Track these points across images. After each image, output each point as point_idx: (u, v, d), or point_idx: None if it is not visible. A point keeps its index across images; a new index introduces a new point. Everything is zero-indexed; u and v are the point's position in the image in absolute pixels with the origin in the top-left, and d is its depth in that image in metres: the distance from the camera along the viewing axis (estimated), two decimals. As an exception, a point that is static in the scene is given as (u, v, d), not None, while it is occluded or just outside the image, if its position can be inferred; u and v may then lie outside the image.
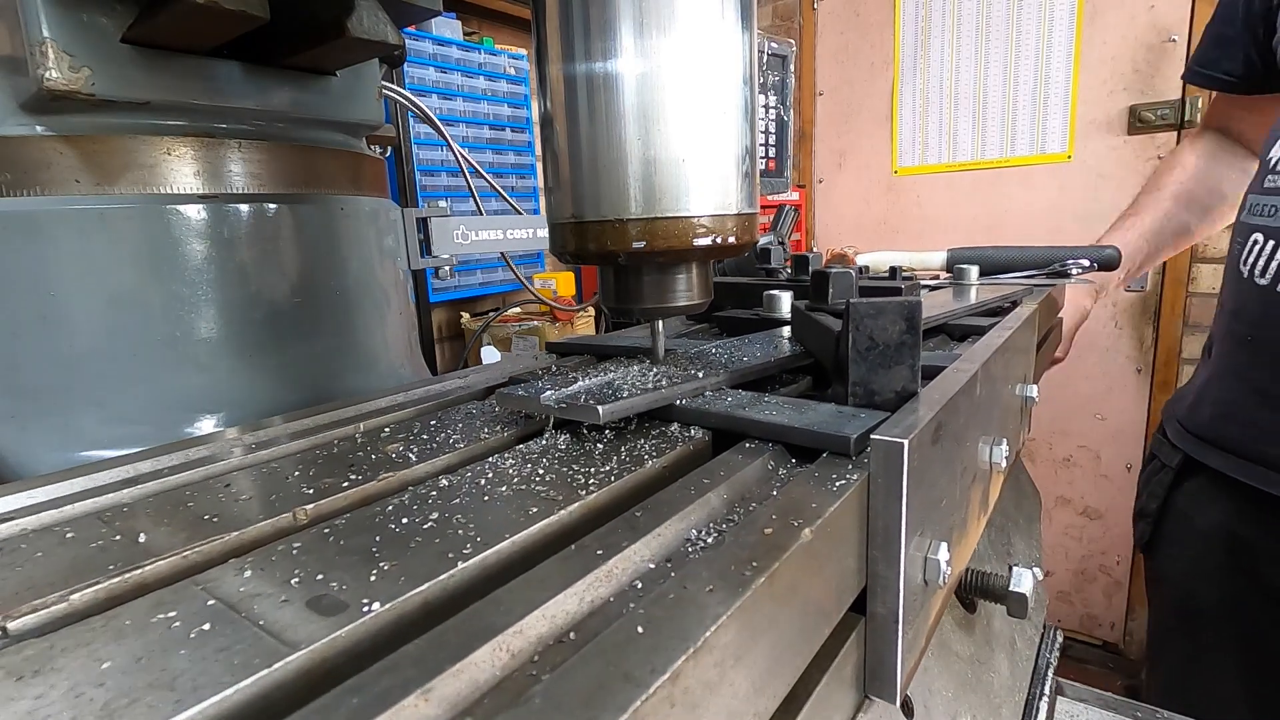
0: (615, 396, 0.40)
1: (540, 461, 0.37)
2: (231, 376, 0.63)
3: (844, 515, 0.31)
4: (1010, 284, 0.93)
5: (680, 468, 0.38)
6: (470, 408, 0.50)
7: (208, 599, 0.24)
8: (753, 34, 0.42)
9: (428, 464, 0.38)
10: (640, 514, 0.29)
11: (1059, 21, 2.46)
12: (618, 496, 0.34)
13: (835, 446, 0.35)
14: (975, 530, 0.49)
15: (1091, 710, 0.81)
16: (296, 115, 0.69)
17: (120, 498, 0.36)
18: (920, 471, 0.33)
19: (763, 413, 0.39)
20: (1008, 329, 0.59)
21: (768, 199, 2.68)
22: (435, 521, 0.30)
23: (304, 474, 0.38)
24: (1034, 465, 2.62)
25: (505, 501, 0.32)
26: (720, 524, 0.30)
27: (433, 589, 0.25)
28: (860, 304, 0.38)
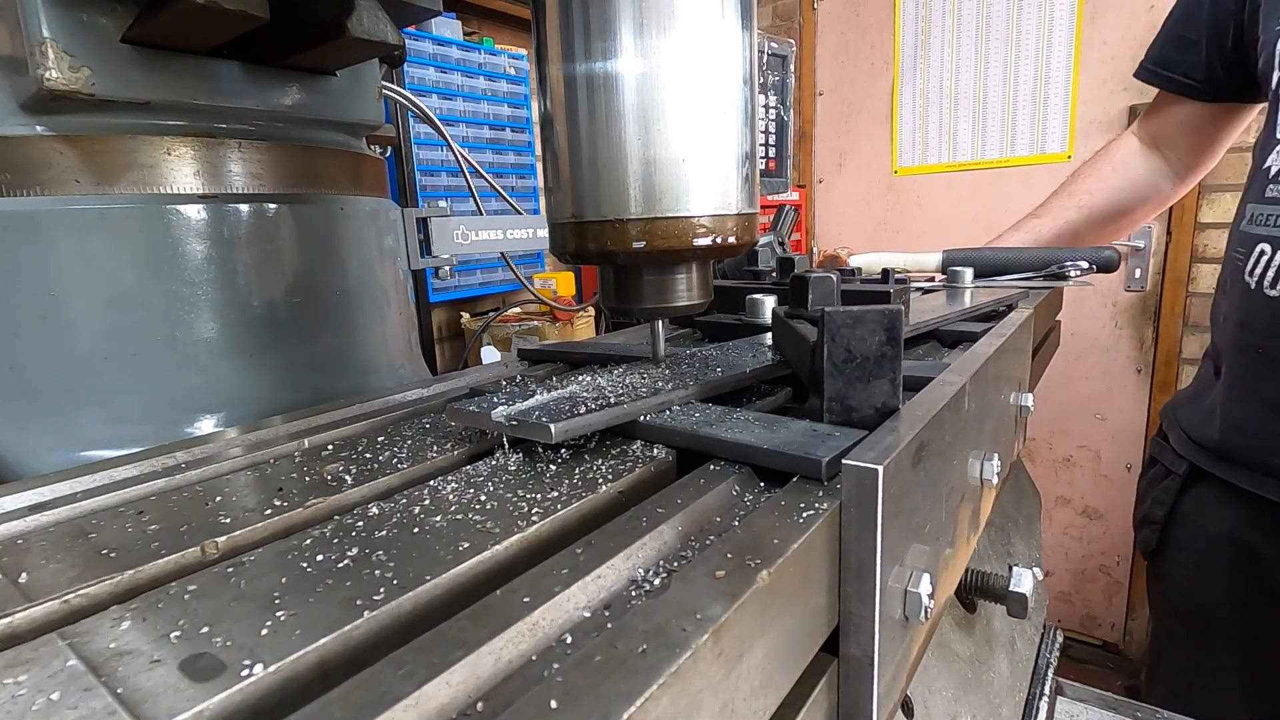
0: (571, 413, 0.37)
1: (485, 486, 0.34)
2: (231, 376, 0.63)
3: (811, 550, 0.28)
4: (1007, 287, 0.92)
5: (638, 492, 0.35)
6: (426, 421, 0.47)
7: (69, 658, 0.21)
8: (753, 34, 0.42)
9: (364, 487, 0.36)
10: (582, 551, 0.26)
11: (1059, 21, 2.46)
12: (563, 527, 0.31)
13: (806, 470, 0.33)
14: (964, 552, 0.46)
15: (1091, 710, 0.81)
16: (296, 115, 0.69)
17: (16, 528, 0.33)
18: (899, 498, 0.30)
19: (731, 430, 0.37)
20: (1001, 335, 0.57)
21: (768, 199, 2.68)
22: (353, 559, 0.27)
23: (228, 498, 0.35)
24: (1034, 465, 2.62)
25: (435, 535, 0.29)
26: (672, 561, 0.27)
27: (332, 644, 0.22)
28: (836, 313, 0.35)
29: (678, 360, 0.51)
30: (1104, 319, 2.48)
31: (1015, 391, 0.62)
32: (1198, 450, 1.02)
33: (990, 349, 0.51)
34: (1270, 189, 0.89)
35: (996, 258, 1.01)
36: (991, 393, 0.51)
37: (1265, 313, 0.88)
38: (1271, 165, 0.89)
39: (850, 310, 0.35)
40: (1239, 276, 0.92)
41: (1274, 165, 0.89)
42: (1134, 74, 1.16)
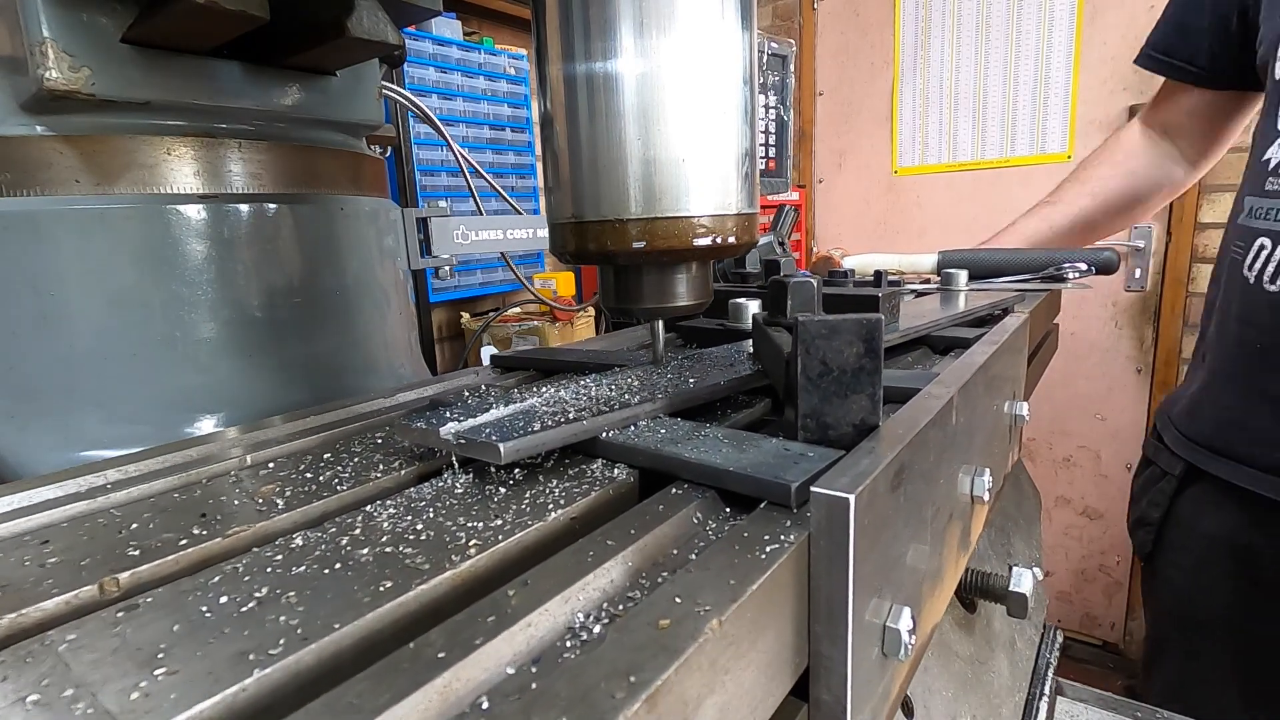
0: (525, 430, 0.34)
1: (425, 512, 0.31)
2: (231, 376, 0.63)
3: (774, 589, 0.25)
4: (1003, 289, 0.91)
5: (593, 518, 0.32)
6: (380, 436, 0.45)
7: None
8: (753, 34, 0.42)
9: (296, 513, 0.33)
10: (515, 593, 0.23)
11: (1059, 21, 2.46)
12: (503, 561, 0.28)
13: (774, 496, 0.30)
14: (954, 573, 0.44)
15: (1091, 710, 0.81)
16: (296, 115, 0.69)
17: None
18: (876, 526, 0.28)
19: (696, 450, 0.34)
20: (994, 342, 0.54)
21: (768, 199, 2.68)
22: (260, 601, 0.24)
23: (145, 525, 0.32)
24: (1034, 465, 2.63)
25: (358, 572, 0.26)
26: (618, 604, 0.24)
27: (211, 711, 0.19)
28: (810, 322, 0.33)
29: (650, 369, 0.48)
30: (1104, 319, 2.49)
31: (1009, 400, 0.59)
32: (1194, 448, 1.01)
33: (982, 357, 0.49)
34: (1270, 181, 0.88)
35: (993, 259, 0.99)
36: (983, 403, 0.48)
37: (1265, 308, 0.87)
38: (1271, 157, 0.88)
39: (826, 320, 0.33)
40: (1237, 271, 0.92)
41: (1274, 157, 0.88)
42: (1135, 60, 1.14)
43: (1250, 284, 0.89)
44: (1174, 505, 1.05)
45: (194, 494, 0.36)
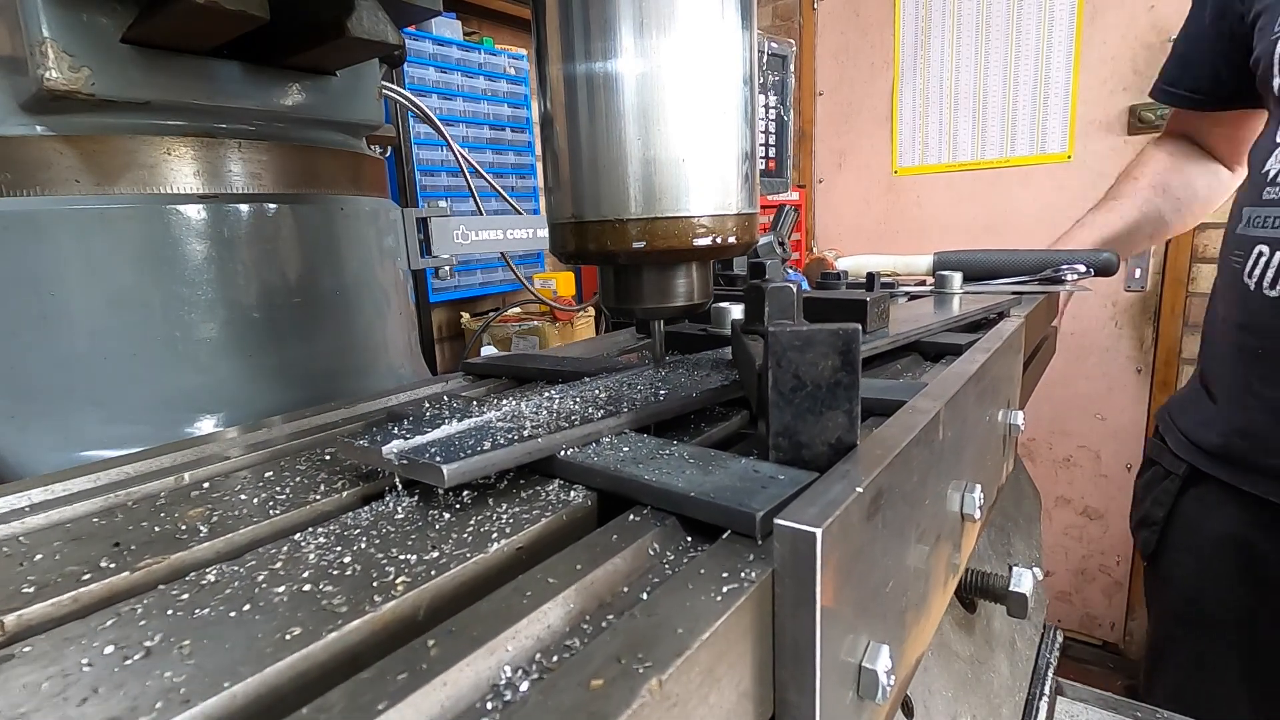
0: (475, 449, 0.32)
1: (358, 541, 0.28)
2: (231, 376, 0.63)
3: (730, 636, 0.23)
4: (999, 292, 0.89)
5: (542, 548, 0.29)
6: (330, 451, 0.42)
7: None
8: (753, 34, 0.42)
9: (220, 541, 0.30)
10: (435, 643, 0.21)
11: (1059, 21, 2.46)
12: (431, 601, 0.25)
13: (737, 525, 0.27)
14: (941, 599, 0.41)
15: (1091, 710, 0.81)
16: (296, 115, 0.69)
17: None
18: (849, 559, 0.26)
19: (659, 471, 0.31)
20: (988, 349, 0.52)
21: (768, 199, 2.68)
22: (148, 652, 0.22)
23: (50, 556, 0.29)
24: (1034, 465, 2.63)
25: (267, 615, 0.23)
26: (551, 655, 0.22)
27: None
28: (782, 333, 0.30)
29: (622, 379, 0.46)
30: (1104, 319, 2.49)
31: (1004, 410, 0.57)
32: (1197, 452, 1.02)
33: (974, 365, 0.46)
34: (1268, 191, 0.90)
35: (990, 260, 0.98)
36: (974, 415, 0.46)
37: (1265, 313, 0.88)
38: (1270, 169, 0.90)
39: (799, 330, 0.30)
40: (1237, 279, 0.93)
41: (1272, 169, 0.90)
42: (1149, 94, 1.18)
43: (1250, 290, 0.90)
44: (1178, 505, 1.06)
45: (114, 519, 0.33)
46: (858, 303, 0.58)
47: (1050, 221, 2.57)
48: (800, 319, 0.44)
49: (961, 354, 0.53)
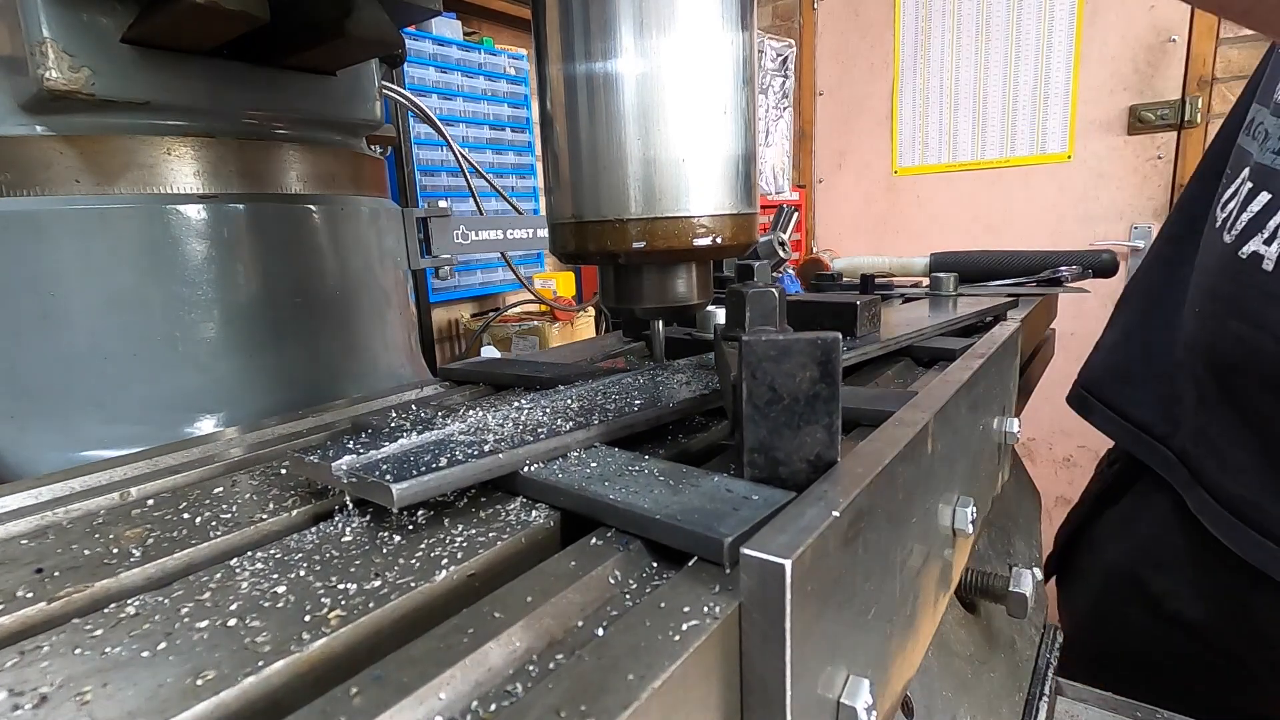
0: (431, 465, 0.30)
1: (298, 567, 0.26)
2: (231, 376, 0.63)
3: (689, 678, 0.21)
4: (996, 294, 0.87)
5: (497, 574, 0.27)
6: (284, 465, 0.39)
7: None
8: (753, 34, 0.42)
9: (151, 566, 0.28)
10: (359, 691, 0.19)
11: (1059, 21, 2.46)
12: (368, 637, 0.23)
13: (704, 551, 0.25)
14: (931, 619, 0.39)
15: (1091, 710, 0.81)
16: (296, 115, 0.69)
17: None
18: (824, 590, 0.24)
19: (625, 489, 0.29)
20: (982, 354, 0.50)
21: (768, 199, 2.68)
22: (44, 697, 0.20)
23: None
24: (1034, 465, 2.63)
25: (184, 654, 0.21)
26: (489, 704, 0.19)
27: None
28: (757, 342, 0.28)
29: (598, 387, 0.44)
30: (1103, 319, 2.48)
31: (998, 418, 0.55)
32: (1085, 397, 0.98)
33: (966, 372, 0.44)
34: None
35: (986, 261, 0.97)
36: (966, 425, 0.43)
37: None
38: None
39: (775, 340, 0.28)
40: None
41: None
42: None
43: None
44: (1085, 528, 1.04)
45: (45, 540, 0.31)
46: (847, 306, 0.56)
47: (1050, 222, 2.57)
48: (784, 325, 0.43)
49: (955, 359, 0.51)
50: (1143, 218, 2.39)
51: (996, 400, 0.54)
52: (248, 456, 0.42)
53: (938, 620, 0.41)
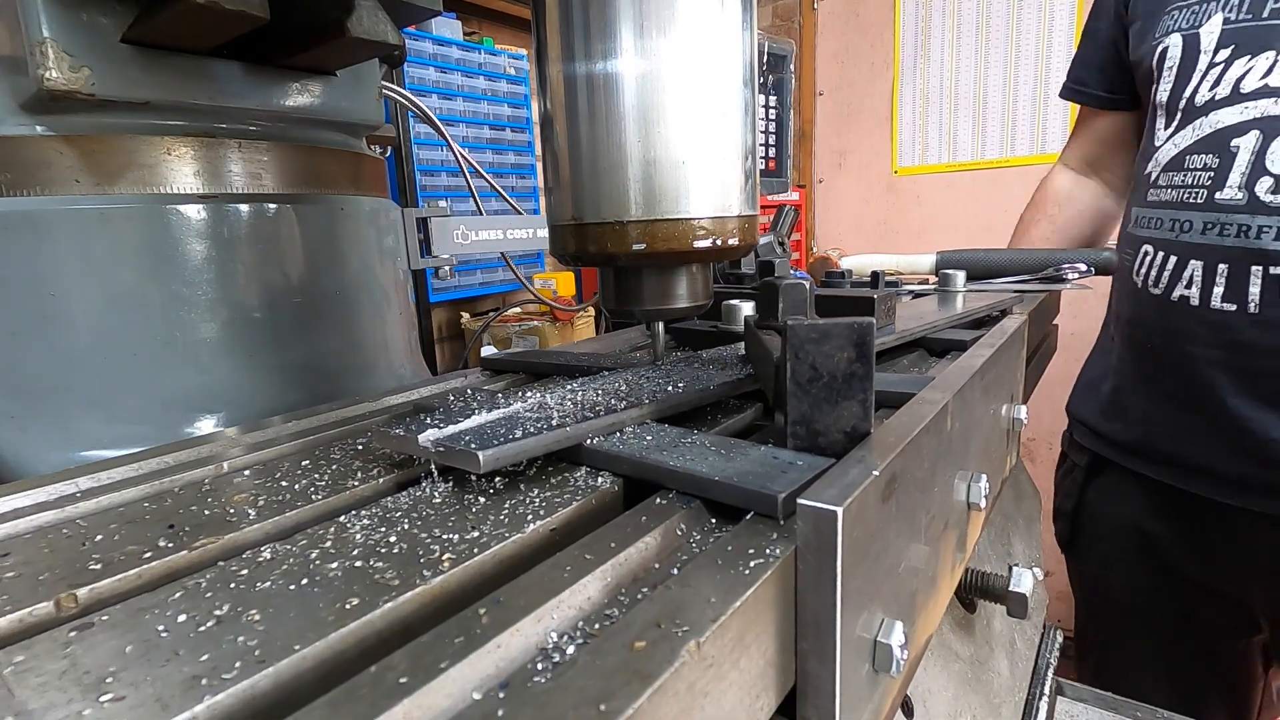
0: (506, 437, 0.33)
1: (400, 523, 0.30)
2: (231, 376, 0.63)
3: (758, 607, 0.24)
4: (1001, 290, 0.91)
5: (574, 529, 0.31)
6: (360, 442, 0.43)
7: None
8: (753, 34, 0.42)
9: (268, 524, 0.32)
10: (486, 611, 0.22)
11: (1059, 21, 2.46)
12: (476, 576, 0.27)
13: (760, 507, 0.29)
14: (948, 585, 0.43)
15: (1091, 710, 0.81)
16: (296, 115, 0.69)
17: None
18: (866, 539, 0.27)
19: (682, 458, 0.33)
20: (992, 344, 0.54)
21: (768, 199, 2.68)
22: (219, 620, 0.23)
23: (110, 536, 0.31)
24: (1034, 465, 2.62)
25: (325, 587, 0.25)
26: (594, 623, 0.23)
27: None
28: (800, 327, 0.32)
29: (639, 373, 0.47)
30: (1103, 319, 2.48)
31: (1007, 404, 0.58)
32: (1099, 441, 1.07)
33: (979, 360, 0.48)
34: (1150, 193, 0.93)
35: (991, 259, 1.00)
36: (980, 408, 0.47)
37: (1150, 311, 0.92)
38: (1151, 171, 0.93)
39: (816, 324, 0.32)
40: (1128, 276, 0.97)
41: (1152, 170, 0.93)
42: (1059, 94, 1.23)
43: (1138, 288, 0.94)
44: (1083, 495, 1.11)
45: (164, 503, 0.35)
46: (865, 300, 0.60)
47: (1050, 221, 2.56)
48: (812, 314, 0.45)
49: (966, 350, 0.54)
50: (1143, 218, 2.40)
51: (1005, 387, 0.58)
52: (323, 436, 0.46)
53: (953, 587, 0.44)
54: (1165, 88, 0.91)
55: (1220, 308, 0.83)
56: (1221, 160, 0.82)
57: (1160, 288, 0.90)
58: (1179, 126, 0.89)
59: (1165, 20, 0.93)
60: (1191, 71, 0.88)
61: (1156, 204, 0.91)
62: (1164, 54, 0.91)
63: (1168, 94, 0.91)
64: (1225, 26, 0.85)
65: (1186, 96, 0.88)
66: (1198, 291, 0.85)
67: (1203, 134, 0.85)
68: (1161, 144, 0.92)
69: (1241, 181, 0.80)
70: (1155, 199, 0.92)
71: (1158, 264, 0.90)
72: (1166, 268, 0.88)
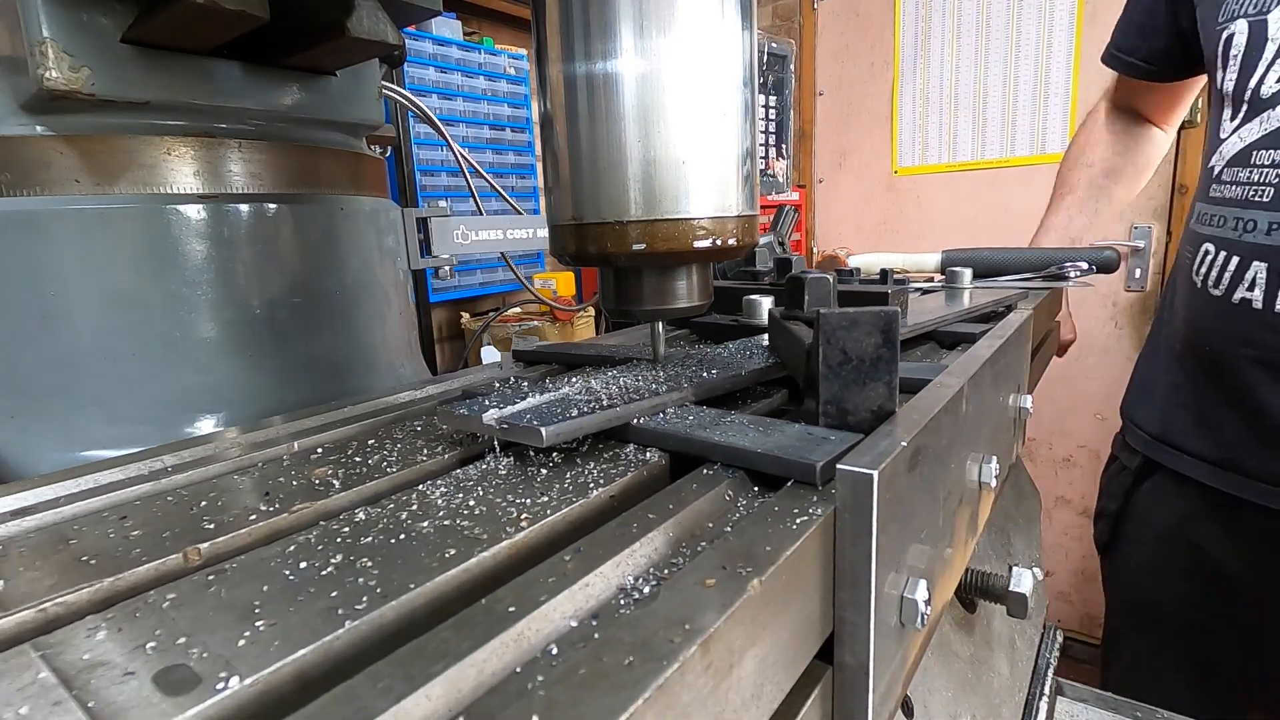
0: (563, 416, 0.37)
1: (474, 491, 0.33)
2: (231, 376, 0.63)
3: (804, 557, 0.27)
4: (1006, 287, 0.92)
5: (630, 497, 0.34)
6: (417, 424, 0.47)
7: (40, 670, 0.21)
8: (753, 34, 0.42)
9: (352, 492, 0.35)
10: (570, 558, 0.26)
11: (1059, 21, 2.46)
12: (552, 533, 0.30)
13: (800, 475, 0.32)
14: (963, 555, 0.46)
15: (1091, 710, 0.81)
16: (296, 115, 0.69)
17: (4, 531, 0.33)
18: (894, 503, 0.30)
19: (724, 434, 0.36)
20: (1000, 337, 0.56)
21: (768, 199, 2.68)
22: (337, 566, 0.27)
23: (213, 503, 0.34)
24: (1034, 465, 2.63)
25: (422, 541, 0.28)
26: (662, 568, 0.27)
27: (311, 656, 0.22)
28: (831, 315, 0.35)
29: (673, 362, 0.50)
30: (1104, 319, 2.48)
31: (1014, 393, 0.61)
32: (1149, 441, 1.04)
33: (989, 350, 0.50)
34: (1214, 189, 0.90)
35: (995, 258, 1.01)
36: (990, 395, 0.50)
37: (1209, 312, 0.90)
38: (1214, 165, 0.90)
39: (846, 312, 0.35)
40: (1186, 275, 0.94)
41: (1216, 165, 0.90)
42: (1101, 59, 1.18)
43: (1197, 288, 0.91)
44: (1131, 498, 1.09)
45: (252, 475, 0.38)
46: (880, 295, 0.63)
47: (1050, 221, 2.56)
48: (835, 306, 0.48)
49: (976, 342, 0.56)
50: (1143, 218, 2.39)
51: (1013, 377, 0.61)
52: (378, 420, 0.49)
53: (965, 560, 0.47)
54: (1231, 77, 0.86)
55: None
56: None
57: (1221, 289, 0.86)
58: (1245, 119, 0.85)
59: (1230, 4, 0.87)
60: (1258, 61, 0.82)
61: (1220, 201, 0.87)
62: (1229, 41, 0.86)
63: (1233, 84, 0.86)
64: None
65: (1252, 87, 0.83)
66: (1261, 294, 0.82)
67: (1270, 128, 0.81)
68: (1227, 136, 0.87)
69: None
70: (1219, 195, 0.88)
71: (1219, 264, 0.87)
72: (1228, 268, 0.85)
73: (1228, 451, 0.92)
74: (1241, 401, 0.88)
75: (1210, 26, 0.91)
